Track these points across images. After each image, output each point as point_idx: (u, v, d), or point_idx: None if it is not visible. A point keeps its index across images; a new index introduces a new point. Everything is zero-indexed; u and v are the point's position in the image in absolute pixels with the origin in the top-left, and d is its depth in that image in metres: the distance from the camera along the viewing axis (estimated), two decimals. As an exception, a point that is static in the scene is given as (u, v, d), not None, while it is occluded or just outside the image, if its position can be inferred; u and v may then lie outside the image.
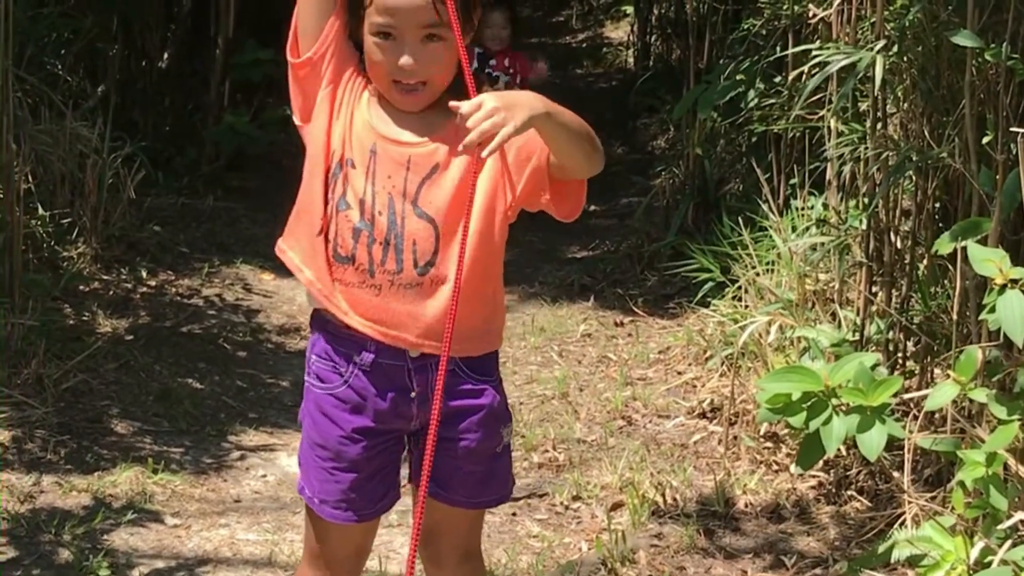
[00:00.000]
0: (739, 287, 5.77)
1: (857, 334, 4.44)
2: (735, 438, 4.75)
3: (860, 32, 4.47)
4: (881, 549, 3.16)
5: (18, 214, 5.37)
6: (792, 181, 6.06)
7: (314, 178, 2.66)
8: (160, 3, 8.48)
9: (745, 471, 4.52)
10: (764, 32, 6.24)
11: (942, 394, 2.91)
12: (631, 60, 13.04)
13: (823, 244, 4.42)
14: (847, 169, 4.43)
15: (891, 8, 4.16)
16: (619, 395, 5.38)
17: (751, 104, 6.49)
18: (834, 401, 2.83)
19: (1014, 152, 3.69)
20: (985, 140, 3.77)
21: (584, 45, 15.42)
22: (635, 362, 5.83)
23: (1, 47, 5.17)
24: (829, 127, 4.76)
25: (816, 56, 4.12)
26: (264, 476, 4.74)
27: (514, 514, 4.40)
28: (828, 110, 4.67)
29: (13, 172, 5.35)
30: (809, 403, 2.90)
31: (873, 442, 2.84)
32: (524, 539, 4.22)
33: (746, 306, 5.39)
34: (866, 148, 4.18)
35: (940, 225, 4.22)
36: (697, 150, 6.95)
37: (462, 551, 2.89)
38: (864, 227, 4.31)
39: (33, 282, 5.51)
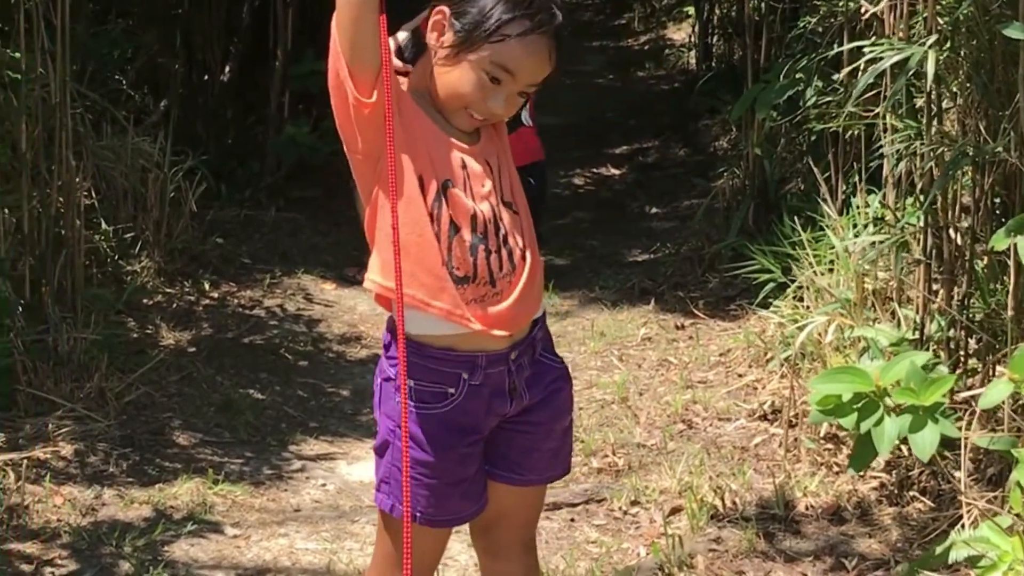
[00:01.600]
0: (800, 287, 5.73)
1: (917, 333, 4.38)
2: (795, 440, 4.70)
3: (912, 27, 4.41)
4: (939, 550, 3.11)
5: (79, 229, 5.41)
6: (851, 179, 5.99)
7: (414, 210, 2.60)
8: (220, 17, 8.54)
9: (805, 473, 4.48)
10: (820, 29, 6.17)
11: (996, 392, 2.86)
12: (692, 61, 12.98)
13: (880, 242, 4.36)
14: (903, 166, 4.38)
15: (943, 3, 4.11)
16: (679, 398, 5.34)
17: (809, 102, 6.43)
18: (887, 401, 2.79)
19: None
20: (1040, 134, 3.72)
21: (647, 47, 15.36)
22: (695, 365, 5.78)
23: (59, 64, 5.23)
24: (885, 124, 4.70)
25: (869, 53, 4.06)
26: (324, 485, 4.76)
27: (572, 520, 4.39)
28: (882, 107, 4.61)
29: (74, 188, 5.40)
30: (860, 404, 2.86)
31: (926, 442, 2.80)
32: (582, 545, 4.21)
33: (807, 307, 5.32)
34: (921, 144, 4.11)
35: (1001, 221, 4.15)
36: (756, 150, 6.90)
37: (525, 540, 2.94)
38: (921, 224, 4.25)
39: (96, 296, 5.56)
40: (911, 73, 4.12)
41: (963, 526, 3.88)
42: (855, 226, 5.28)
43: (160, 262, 6.58)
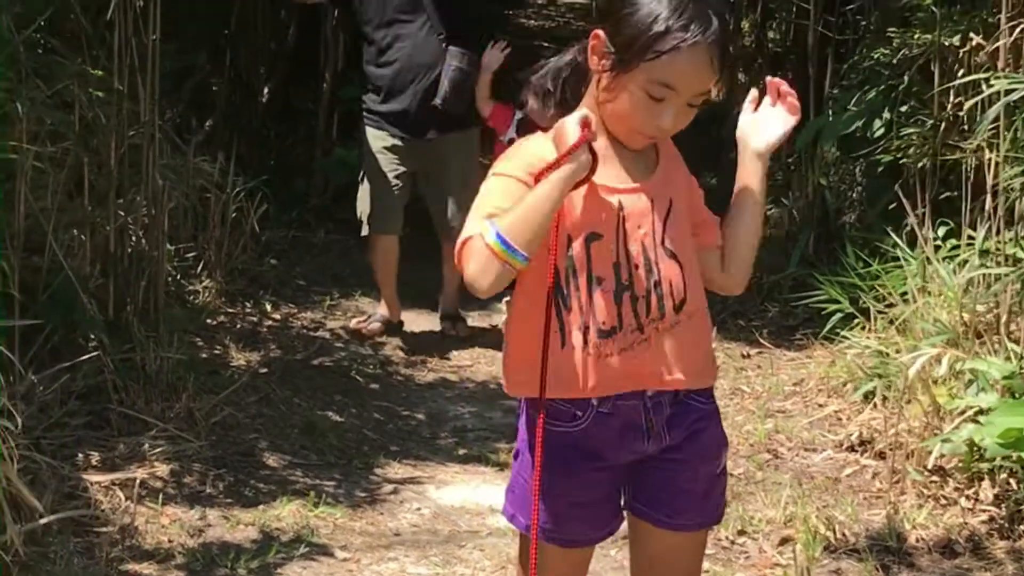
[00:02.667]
0: (871, 318, 5.74)
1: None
2: (893, 471, 4.69)
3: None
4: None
5: (163, 247, 5.38)
6: (917, 211, 6.00)
7: (535, 293, 2.56)
8: (266, 38, 8.53)
9: (912, 505, 4.47)
10: (894, 62, 6.19)
11: None
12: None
13: (1006, 275, 4.36)
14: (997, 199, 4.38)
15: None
16: (761, 428, 5.34)
17: (877, 133, 6.46)
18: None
19: None
20: None
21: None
22: (770, 394, 5.78)
23: (149, 81, 5.21)
24: (989, 159, 4.71)
25: (994, 85, 4.07)
26: (419, 509, 4.73)
27: (681, 549, 4.35)
28: (979, 140, 4.63)
29: (160, 206, 5.37)
30: (1042, 438, 2.85)
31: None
32: (695, 574, 4.18)
33: (892, 339, 5.32)
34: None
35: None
36: (821, 180, 6.91)
37: None
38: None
39: (172, 316, 5.52)
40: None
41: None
42: (935, 259, 5.27)
43: (222, 282, 6.55)
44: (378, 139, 6.28)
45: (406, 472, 5.07)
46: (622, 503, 2.77)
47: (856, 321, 5.95)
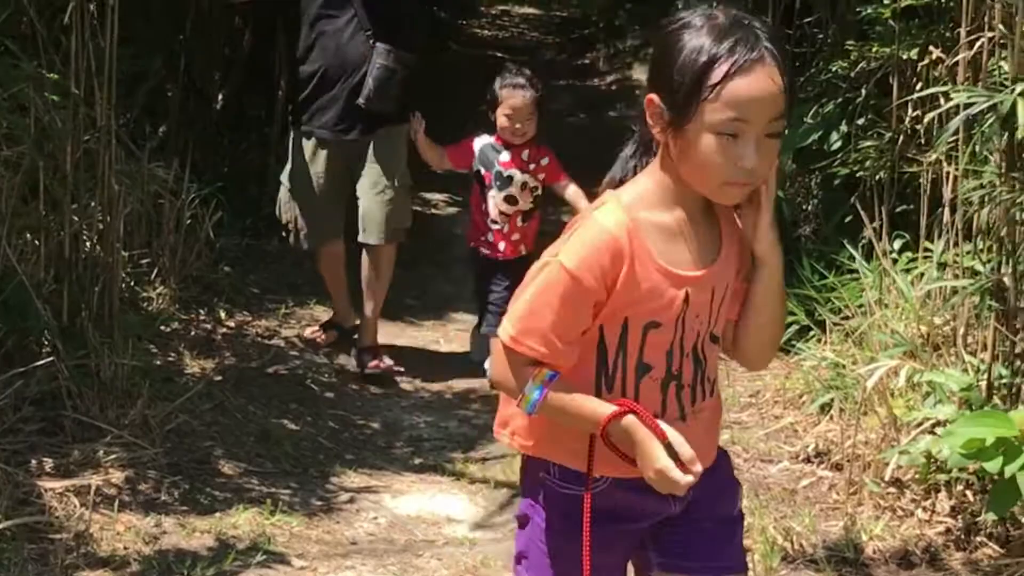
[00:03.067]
0: (827, 331, 5.76)
1: (984, 379, 4.41)
2: (851, 482, 4.70)
3: (992, 75, 4.45)
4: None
5: (118, 253, 5.33)
6: (873, 224, 6.03)
7: (584, 371, 2.44)
8: (221, 44, 8.47)
9: (869, 516, 4.48)
10: (851, 75, 6.23)
11: None
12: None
13: (963, 288, 4.39)
14: (984, 213, 4.41)
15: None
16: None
17: (834, 146, 6.49)
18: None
19: None
20: None
21: (614, 87, 15.45)
22: (726, 406, 5.74)
23: (106, 86, 5.16)
24: (948, 173, 4.74)
25: (955, 99, 4.09)
26: (375, 518, 4.71)
27: (639, 558, 4.35)
28: (938, 153, 4.66)
29: (116, 211, 5.32)
30: (1003, 448, 2.86)
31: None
32: (654, 584, 4.17)
33: (851, 352, 5.34)
34: (1002, 191, 4.15)
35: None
36: (779, 192, 6.91)
37: None
38: (1009, 270, 4.29)
39: (126, 323, 5.46)
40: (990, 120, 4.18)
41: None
42: (903, 272, 5.30)
43: (175, 289, 6.48)
44: (305, 141, 6.17)
45: (362, 481, 5.04)
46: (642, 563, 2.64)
47: (812, 333, 5.98)
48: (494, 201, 6.07)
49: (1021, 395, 4.50)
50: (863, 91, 6.26)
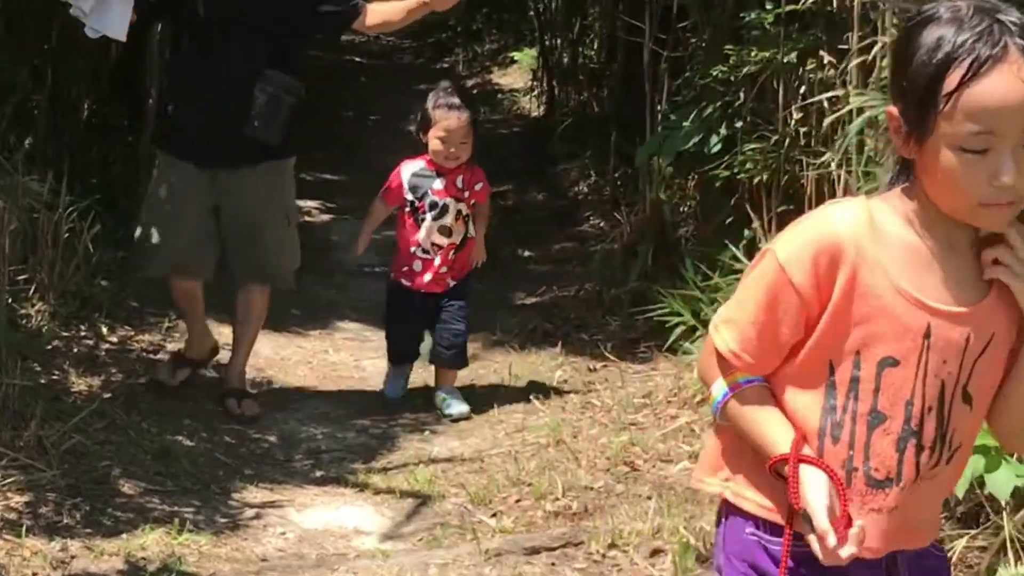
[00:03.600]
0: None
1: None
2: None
3: (875, 78, 4.57)
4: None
5: (4, 268, 5.20)
6: (754, 225, 6.14)
7: (809, 416, 2.14)
8: (88, 55, 8.30)
9: (775, 513, 4.55)
10: (731, 79, 6.33)
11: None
12: (530, 106, 13.17)
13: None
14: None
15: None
16: (616, 440, 5.38)
17: (715, 150, 6.59)
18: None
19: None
20: None
21: (475, 91, 15.48)
22: (621, 407, 5.83)
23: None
24: (838, 175, 4.85)
25: (852, 103, 4.19)
26: (283, 533, 4.67)
27: (553, 564, 4.37)
28: (839, 156, 4.77)
29: (2, 227, 5.18)
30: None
31: (1003, 482, 2.89)
32: (570, 588, 4.20)
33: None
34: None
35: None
36: (662, 195, 7.02)
37: None
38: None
39: (13, 341, 5.32)
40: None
41: (950, 561, 4.02)
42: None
43: (54, 305, 6.33)
44: (176, 168, 5.56)
45: (264, 496, 4.99)
46: None
47: (699, 333, 6.06)
48: (427, 230, 5.76)
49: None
50: (741, 95, 6.36)
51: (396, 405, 6.01)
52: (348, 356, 6.74)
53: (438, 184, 5.74)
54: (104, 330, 6.46)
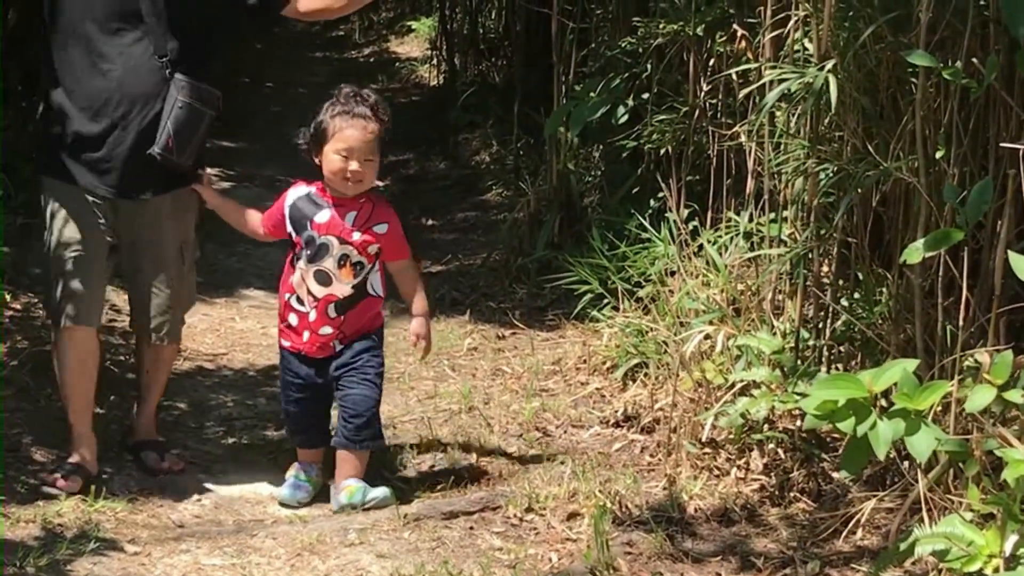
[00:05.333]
0: (619, 298, 5.93)
1: (792, 342, 4.63)
2: (665, 444, 4.86)
3: (797, 52, 4.64)
4: (903, 546, 3.31)
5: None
6: (660, 194, 6.21)
7: None
8: None
9: (688, 477, 4.65)
10: (639, 50, 6.39)
11: (981, 397, 3.09)
12: (428, 75, 13.16)
13: (782, 255, 4.58)
14: (797, 184, 4.60)
15: (833, 30, 4.36)
16: (528, 407, 5.45)
17: (621, 120, 6.66)
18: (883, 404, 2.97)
19: (968, 166, 3.95)
20: (939, 155, 4.00)
21: (372, 60, 15.45)
22: (531, 374, 5.89)
23: None
24: (749, 146, 4.94)
25: (768, 75, 4.27)
26: (199, 500, 4.67)
27: (471, 528, 4.42)
28: (755, 126, 4.85)
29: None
30: (854, 409, 3.03)
31: (922, 445, 2.99)
32: (489, 552, 4.24)
33: (653, 318, 5.52)
34: (811, 164, 4.35)
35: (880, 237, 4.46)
36: (569, 165, 7.08)
37: None
38: (814, 240, 4.50)
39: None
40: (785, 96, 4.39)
41: (859, 524, 4.15)
42: (711, 242, 5.48)
43: (-45, 272, 6.23)
44: (67, 196, 4.53)
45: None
46: None
47: (606, 301, 6.14)
48: (300, 273, 4.58)
49: (825, 356, 4.75)
50: (649, 67, 6.43)
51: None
52: (255, 323, 6.73)
53: (322, 216, 4.54)
54: (7, 297, 6.36)
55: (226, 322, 6.72)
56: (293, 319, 4.62)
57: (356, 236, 4.53)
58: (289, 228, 4.63)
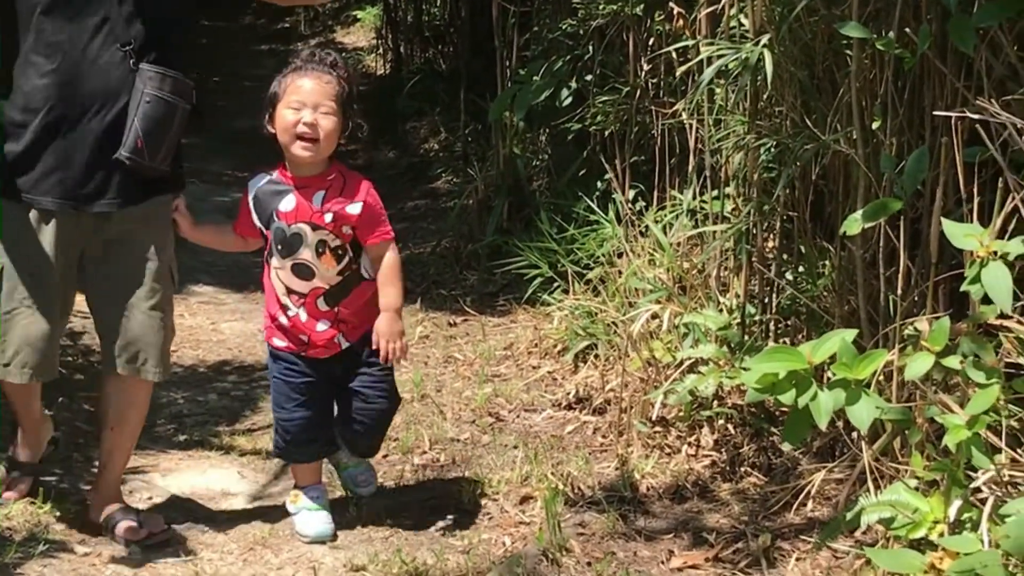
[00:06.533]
0: (569, 281, 5.94)
1: (738, 317, 4.65)
2: (616, 424, 4.87)
3: (732, 28, 4.65)
4: (849, 516, 3.33)
5: None
6: (607, 176, 6.20)
7: None
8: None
9: (639, 456, 4.66)
10: (580, 32, 6.39)
11: (919, 364, 3.10)
12: (375, 64, 13.12)
13: (724, 232, 4.59)
14: (735, 160, 4.62)
15: (766, 4, 4.37)
16: (480, 392, 5.45)
17: (566, 103, 6.66)
18: (830, 375, 2.98)
19: (905, 136, 3.97)
20: (875, 126, 4.01)
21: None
22: (483, 360, 5.90)
23: None
24: (690, 123, 4.95)
25: (704, 52, 4.28)
26: (150, 498, 4.62)
27: (424, 516, 4.41)
28: (693, 104, 4.86)
29: None
30: (795, 380, 3.04)
31: (863, 414, 3.01)
32: (442, 539, 4.24)
33: (603, 300, 5.53)
34: (751, 139, 4.36)
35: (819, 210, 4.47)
36: (516, 149, 7.07)
37: None
38: (755, 216, 4.51)
39: None
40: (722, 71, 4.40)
41: (809, 496, 4.18)
42: (656, 221, 5.49)
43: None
44: (15, 211, 3.94)
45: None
46: None
47: (556, 284, 6.15)
48: (277, 273, 4.08)
49: (771, 330, 4.77)
50: (591, 48, 6.43)
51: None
52: (205, 319, 6.69)
53: (286, 204, 3.99)
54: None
55: (175, 319, 6.64)
56: (283, 319, 4.09)
57: (328, 218, 3.94)
58: (258, 224, 4.06)
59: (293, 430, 4.21)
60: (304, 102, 3.90)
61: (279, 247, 4.02)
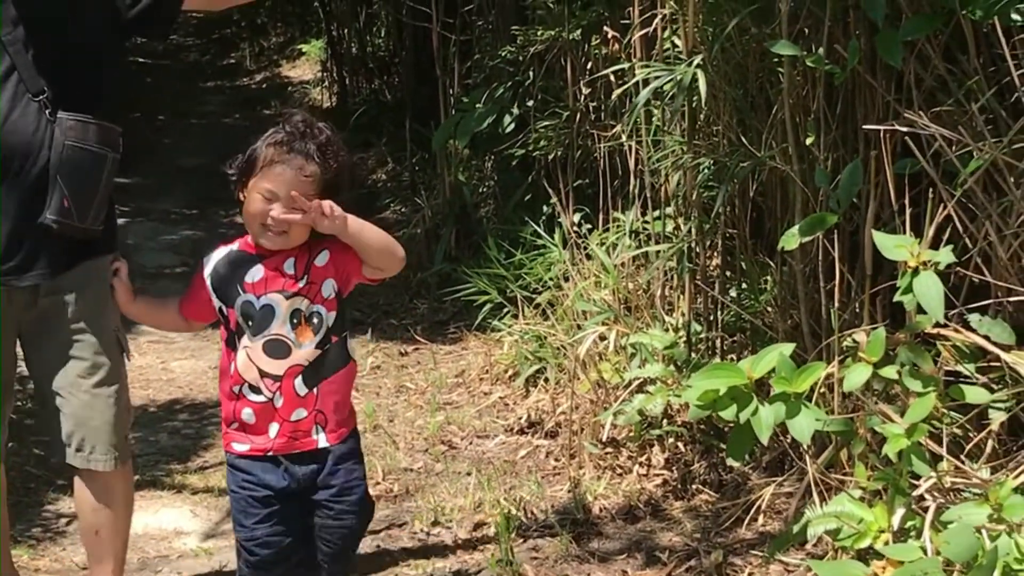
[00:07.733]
0: (518, 306, 5.96)
1: (684, 335, 4.67)
2: (570, 447, 4.89)
3: (667, 51, 4.69)
4: (796, 528, 3.35)
5: None
6: (552, 200, 6.24)
7: None
8: None
9: (591, 477, 4.67)
10: (520, 59, 6.43)
11: (857, 375, 3.13)
12: (321, 97, 13.14)
13: (666, 251, 4.62)
14: (673, 180, 4.65)
15: (699, 27, 4.41)
16: (433, 421, 5.45)
17: (508, 129, 6.69)
18: (776, 390, 3.01)
19: (839, 151, 4.01)
20: (809, 141, 4.05)
21: (264, 86, 15.39)
22: (435, 388, 5.91)
23: None
24: (630, 146, 4.98)
25: (640, 74, 4.31)
26: (102, 540, 4.60)
27: (379, 545, 4.41)
28: (629, 127, 4.89)
29: None
30: (735, 396, 3.07)
31: (803, 427, 3.03)
32: (396, 568, 4.24)
33: (548, 324, 5.55)
34: (688, 159, 4.40)
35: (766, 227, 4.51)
36: (460, 177, 7.10)
37: None
38: (695, 235, 4.54)
39: None
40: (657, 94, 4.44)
41: (759, 511, 4.20)
42: (598, 244, 5.52)
43: None
44: None
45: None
46: None
47: (506, 310, 6.17)
48: (247, 354, 3.39)
49: (717, 347, 4.80)
50: (531, 74, 6.47)
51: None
52: (155, 359, 6.66)
53: (252, 274, 3.40)
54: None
55: (125, 359, 6.63)
56: (248, 415, 3.40)
57: (303, 282, 3.35)
58: (216, 302, 3.44)
59: (266, 553, 3.48)
60: (277, 194, 3.27)
61: (248, 323, 3.38)
